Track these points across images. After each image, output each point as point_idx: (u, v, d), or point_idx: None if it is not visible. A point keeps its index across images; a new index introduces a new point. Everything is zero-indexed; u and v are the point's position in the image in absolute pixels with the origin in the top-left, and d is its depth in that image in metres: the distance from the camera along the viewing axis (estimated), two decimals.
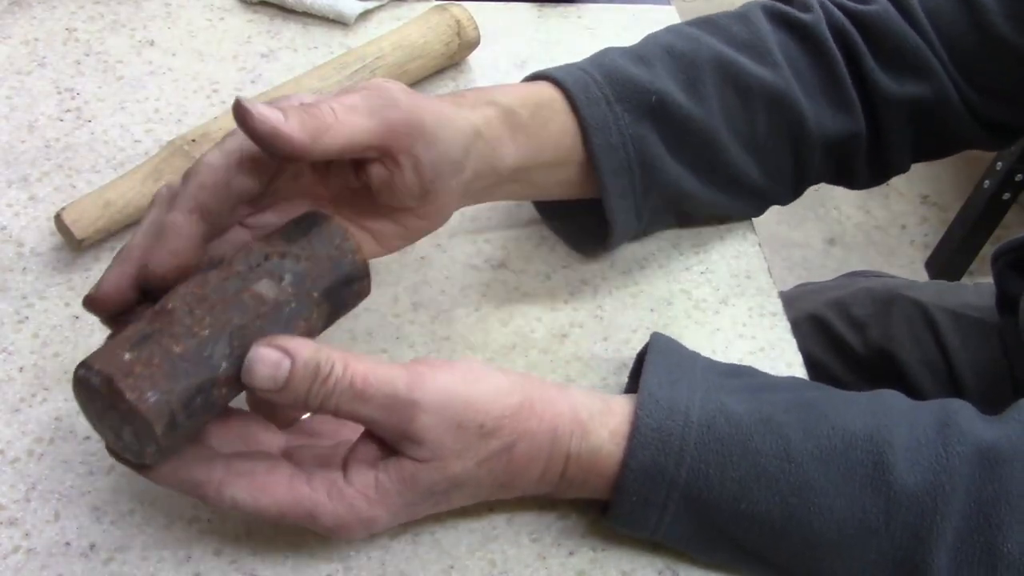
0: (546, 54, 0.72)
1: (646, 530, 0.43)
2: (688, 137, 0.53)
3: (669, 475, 0.41)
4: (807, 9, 0.57)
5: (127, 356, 0.35)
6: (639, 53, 0.53)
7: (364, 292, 0.42)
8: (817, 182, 0.60)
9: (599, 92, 0.51)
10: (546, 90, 0.51)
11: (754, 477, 0.41)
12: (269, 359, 0.36)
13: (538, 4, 0.76)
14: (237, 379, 0.37)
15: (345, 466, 0.40)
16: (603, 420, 0.43)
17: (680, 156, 0.53)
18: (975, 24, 0.57)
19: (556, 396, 0.43)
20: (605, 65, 0.52)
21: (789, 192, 0.59)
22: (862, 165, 0.60)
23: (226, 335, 0.37)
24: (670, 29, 0.56)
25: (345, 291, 0.41)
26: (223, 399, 0.38)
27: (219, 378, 0.37)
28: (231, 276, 0.38)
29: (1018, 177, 1.50)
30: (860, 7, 0.58)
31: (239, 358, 0.37)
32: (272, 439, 0.42)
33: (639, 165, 0.52)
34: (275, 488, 0.39)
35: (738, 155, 0.55)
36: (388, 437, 0.39)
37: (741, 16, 0.57)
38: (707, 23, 0.57)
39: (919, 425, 0.42)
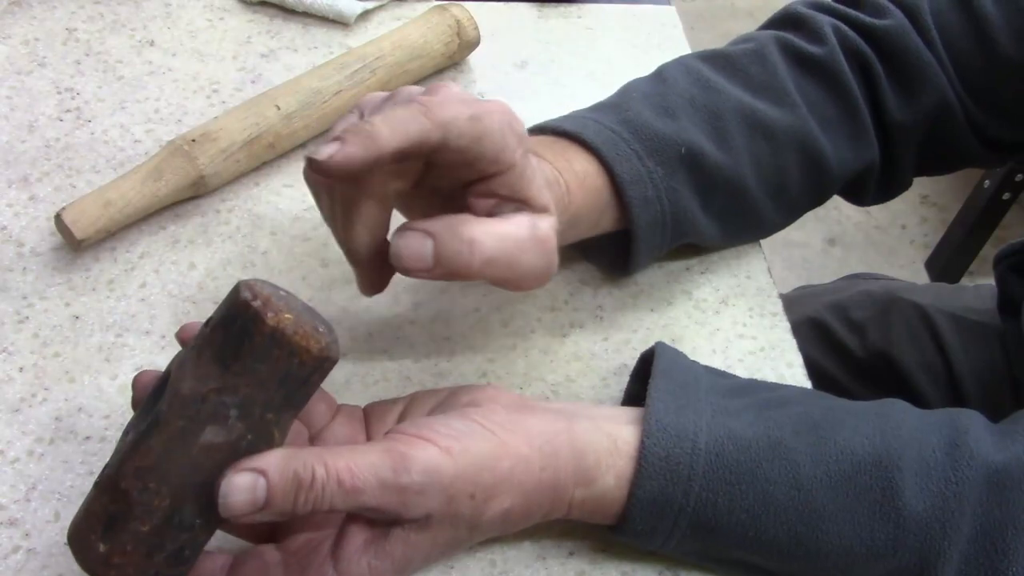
0: (546, 54, 0.72)
1: (651, 548, 0.43)
2: (718, 187, 0.52)
3: (677, 504, 0.41)
4: (820, 40, 0.56)
5: (102, 548, 0.35)
6: (662, 104, 0.52)
7: (328, 370, 0.38)
8: None
9: (628, 148, 0.50)
10: (581, 155, 0.49)
11: (763, 505, 0.40)
12: (241, 485, 0.35)
13: (538, 4, 0.76)
14: (217, 519, 0.36)
15: (336, 554, 0.38)
16: (609, 463, 0.41)
17: (709, 208, 0.53)
18: (982, 42, 0.56)
19: (558, 444, 0.41)
20: (631, 121, 0.51)
21: (797, 219, 0.59)
22: (872, 188, 0.60)
23: (190, 498, 0.36)
24: (685, 68, 0.55)
25: (305, 389, 0.37)
26: (208, 537, 0.37)
27: (197, 533, 0.36)
28: (173, 436, 0.35)
29: (1018, 177, 1.50)
30: (876, 21, 0.57)
31: (211, 507, 0.36)
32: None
33: (672, 217, 0.51)
34: None
35: (763, 201, 0.55)
36: (378, 519, 0.38)
37: (756, 54, 0.56)
38: (723, 63, 0.56)
39: (928, 446, 0.41)
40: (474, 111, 0.40)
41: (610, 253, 0.55)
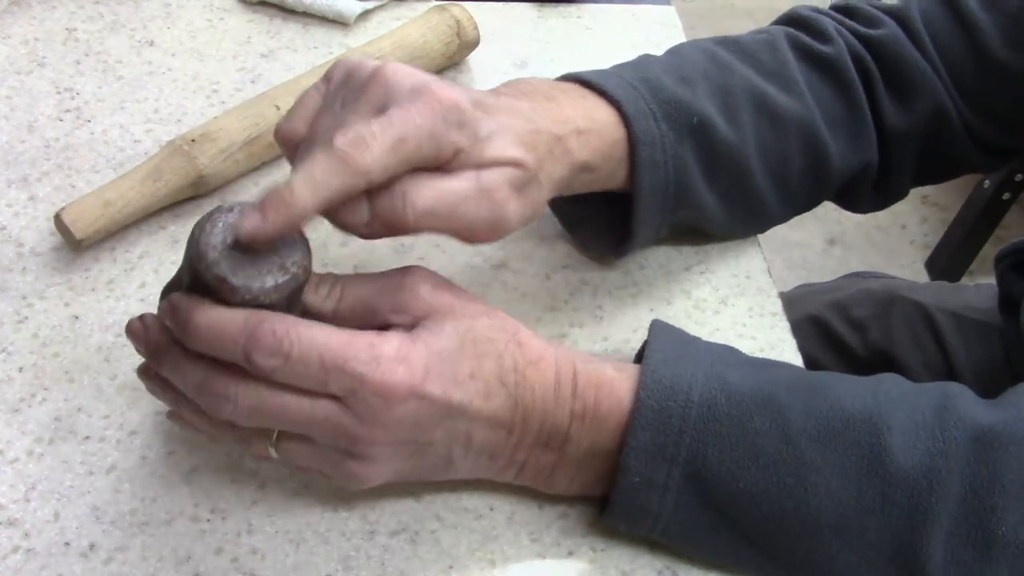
0: (546, 54, 0.72)
1: (648, 519, 0.43)
2: (721, 162, 0.53)
3: (669, 453, 0.42)
4: (828, 40, 0.57)
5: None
6: (680, 73, 0.52)
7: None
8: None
9: (647, 107, 0.50)
10: (602, 106, 0.49)
11: (752, 457, 0.41)
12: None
13: (538, 4, 0.76)
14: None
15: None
16: (602, 361, 0.44)
17: (711, 181, 0.53)
18: (974, 48, 0.57)
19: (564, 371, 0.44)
20: (650, 81, 0.51)
21: (795, 215, 0.60)
22: (868, 194, 0.61)
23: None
24: (698, 47, 0.56)
25: None
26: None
27: None
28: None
29: (1018, 177, 1.50)
30: (871, 31, 0.58)
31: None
32: None
33: (675, 185, 0.51)
34: (326, 329, 0.39)
35: (764, 185, 0.55)
36: (386, 304, 0.41)
37: (768, 43, 0.56)
38: (735, 47, 0.56)
39: (918, 408, 0.42)
40: (398, 133, 0.39)
41: (598, 225, 0.55)
